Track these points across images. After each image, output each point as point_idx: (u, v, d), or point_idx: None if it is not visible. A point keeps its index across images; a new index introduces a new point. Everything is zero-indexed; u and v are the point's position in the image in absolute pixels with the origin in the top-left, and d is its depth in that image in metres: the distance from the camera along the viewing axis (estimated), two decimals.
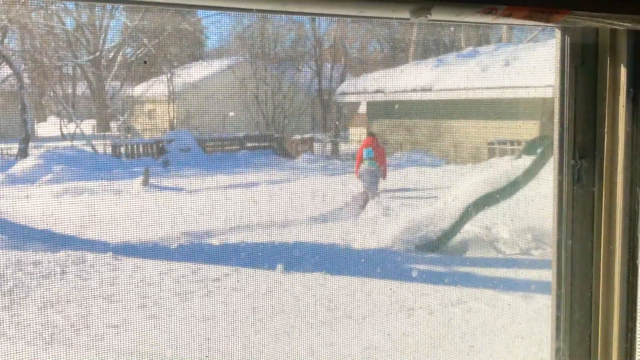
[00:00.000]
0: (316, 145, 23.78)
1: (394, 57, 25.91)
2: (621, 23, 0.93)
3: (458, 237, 10.30)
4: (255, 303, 7.83)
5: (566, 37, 1.04)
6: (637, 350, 1.06)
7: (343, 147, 23.57)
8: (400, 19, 0.91)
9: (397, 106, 19.89)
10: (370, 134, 17.27)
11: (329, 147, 23.86)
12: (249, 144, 23.62)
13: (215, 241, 10.92)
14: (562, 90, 1.06)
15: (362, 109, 22.87)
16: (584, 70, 1.05)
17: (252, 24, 30.47)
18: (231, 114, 25.47)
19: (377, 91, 21.28)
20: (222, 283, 8.48)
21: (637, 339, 1.05)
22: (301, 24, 27.52)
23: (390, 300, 7.81)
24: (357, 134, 22.72)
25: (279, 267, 8.73)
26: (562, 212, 1.08)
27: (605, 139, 1.02)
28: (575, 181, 1.08)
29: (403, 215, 12.06)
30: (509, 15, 0.96)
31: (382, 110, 21.57)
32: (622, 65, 0.99)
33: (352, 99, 22.96)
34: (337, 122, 25.40)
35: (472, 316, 7.12)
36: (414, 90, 19.42)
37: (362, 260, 9.72)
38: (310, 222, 12.52)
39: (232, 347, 6.49)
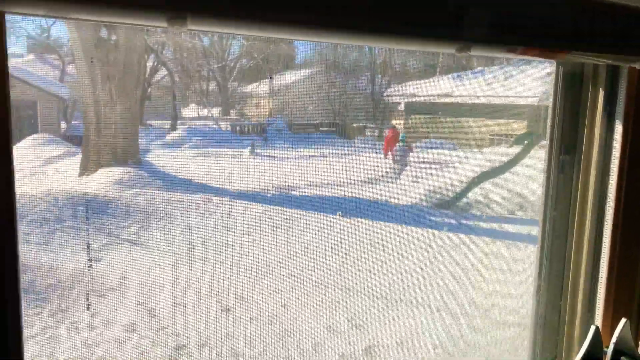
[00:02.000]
0: (367, 132, 23.57)
1: (426, 71, 25.35)
2: (602, 60, 0.90)
3: (465, 199, 10.11)
4: (321, 236, 7.88)
5: (560, 67, 1.00)
6: (598, 290, 1.03)
7: (386, 133, 23.29)
8: (448, 53, 0.89)
9: (440, 112, 19.47)
10: (392, 127, 17.18)
11: (376, 133, 23.61)
12: (321, 128, 23.57)
13: (296, 193, 11.00)
14: (554, 105, 1.02)
15: (401, 107, 22.51)
16: (572, 91, 1.01)
17: (328, 45, 30.18)
18: (310, 107, 25.45)
19: (413, 95, 20.89)
20: (300, 222, 8.55)
21: (599, 282, 1.02)
22: (362, 47, 27.08)
23: (415, 240, 7.74)
24: (397, 124, 22.38)
25: (339, 213, 8.74)
26: (548, 192, 1.05)
27: (585, 140, 0.98)
28: (559, 171, 1.04)
29: (427, 182, 11.88)
30: (524, 54, 0.93)
31: (415, 108, 21.19)
32: (600, 88, 0.94)
33: (394, 99, 22.60)
34: (382, 116, 25.13)
35: (472, 255, 7.00)
36: (439, 95, 18.98)
37: (398, 211, 9.65)
38: (361, 184, 12.47)
39: (303, 264, 6.55)
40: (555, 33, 0.87)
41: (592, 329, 0.86)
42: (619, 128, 0.89)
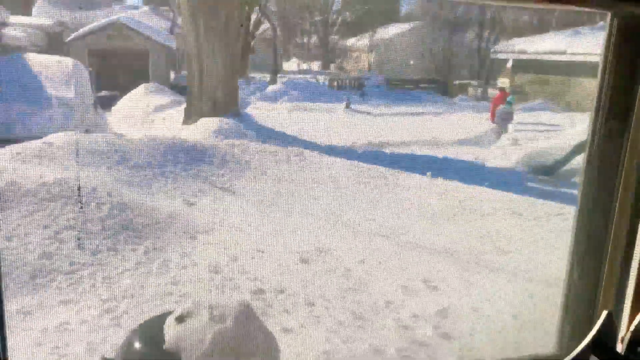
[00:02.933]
0: (470, 89, 22.53)
1: (540, 27, 23.46)
2: None
3: (568, 166, 9.44)
4: (408, 195, 7.79)
5: (614, 19, 0.88)
6: (631, 272, 0.93)
7: (491, 92, 22.12)
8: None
9: (550, 71, 18.10)
10: (501, 89, 16.11)
11: (479, 91, 22.51)
12: (421, 85, 22.90)
13: (387, 150, 10.90)
14: (605, 64, 0.91)
15: (509, 64, 21.15)
16: (628, 48, 0.88)
17: None
18: (411, 62, 24.70)
19: (522, 51, 19.51)
20: (387, 179, 8.50)
21: (633, 262, 0.93)
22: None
23: (505, 206, 7.42)
24: (503, 83, 21.14)
25: (428, 173, 8.56)
26: (591, 158, 0.95)
27: (637, 104, 0.87)
28: (606, 139, 0.93)
29: (528, 146, 11.23)
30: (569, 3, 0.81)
31: (524, 66, 19.82)
32: None
33: (502, 56, 21.26)
34: (488, 73, 23.80)
35: (567, 224, 6.60)
36: (551, 52, 17.56)
37: (492, 174, 9.25)
38: (457, 144, 12.07)
39: (390, 222, 6.54)
40: None
41: (604, 314, 0.79)
42: None
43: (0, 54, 12.93)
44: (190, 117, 12.38)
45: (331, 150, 10.26)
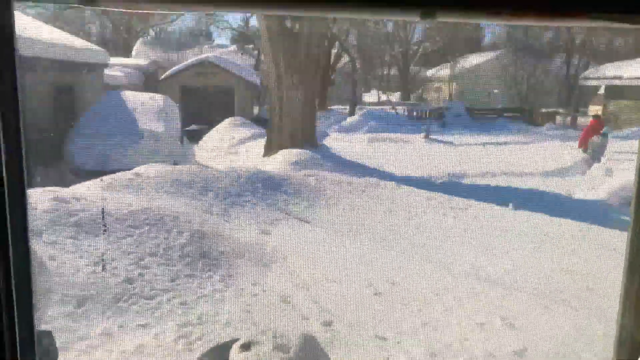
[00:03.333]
0: (558, 118, 21.51)
1: (635, 49, 22.09)
2: None
3: None
4: (487, 228, 7.48)
5: None
6: None
7: (581, 121, 20.99)
8: (411, 20, 0.78)
9: None
10: (595, 117, 15.17)
11: (568, 119, 21.43)
12: (505, 114, 22.18)
13: (467, 181, 10.59)
14: None
15: (601, 91, 20.01)
16: None
17: (518, 26, 28.13)
18: (495, 91, 24.05)
19: (616, 77, 18.43)
20: (465, 212, 8.24)
21: None
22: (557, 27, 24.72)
23: (599, 241, 6.92)
24: (594, 110, 20.02)
25: (510, 205, 8.20)
26: None
27: None
28: None
29: (622, 176, 10.47)
30: (515, 17, 0.77)
31: (618, 92, 18.67)
32: None
33: (592, 82, 20.19)
34: (577, 101, 22.63)
35: None
36: None
37: (581, 207, 8.69)
38: (542, 175, 11.50)
39: (468, 255, 6.30)
40: None
41: None
42: None
43: (101, 94, 14.09)
44: (270, 148, 12.76)
45: (408, 181, 10.13)
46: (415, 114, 22.97)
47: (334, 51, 27.44)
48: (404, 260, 6.22)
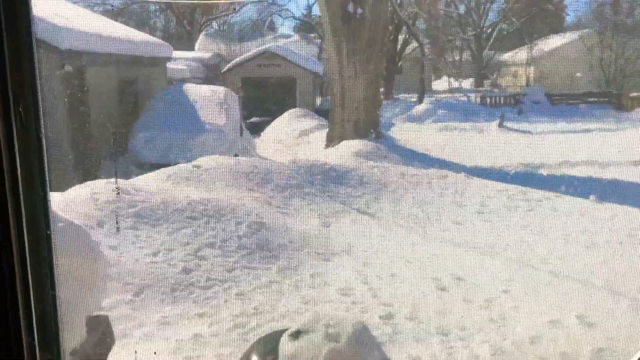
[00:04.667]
0: None
1: None
2: None
3: None
4: (566, 221, 7.16)
5: None
6: None
7: None
8: None
9: None
10: None
11: None
12: (589, 99, 21.08)
13: (544, 172, 10.16)
14: None
15: None
16: None
17: (606, 2, 26.62)
18: (578, 74, 22.88)
19: None
20: (542, 204, 7.92)
21: None
22: None
23: None
24: None
25: (592, 197, 7.80)
26: None
27: None
28: None
29: None
30: None
31: None
32: None
33: None
34: None
35: None
36: None
37: None
38: (631, 164, 10.83)
39: (542, 250, 6.07)
40: None
41: None
42: None
43: (164, 87, 14.67)
44: (332, 139, 12.80)
45: (479, 172, 9.86)
46: (488, 101, 22.28)
47: (401, 37, 27.08)
48: (472, 255, 6.07)
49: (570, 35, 25.64)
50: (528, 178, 9.51)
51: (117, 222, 5.10)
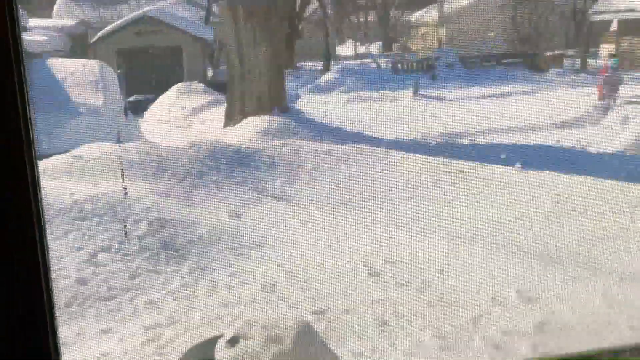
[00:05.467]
0: (565, 61, 21.86)
1: None
2: None
3: None
4: (492, 192, 7.66)
5: None
6: None
7: (591, 62, 21.36)
8: None
9: None
10: (611, 55, 15.55)
11: (577, 62, 21.79)
12: (504, 60, 22.43)
13: (466, 141, 10.77)
14: None
15: (613, 26, 20.36)
16: None
17: None
18: (491, 34, 24.23)
19: (630, 10, 18.77)
20: (467, 175, 8.41)
21: None
22: None
23: (619, 198, 7.17)
24: (607, 49, 20.36)
25: (517, 164, 8.38)
26: None
27: None
28: None
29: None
30: None
31: (632, 27, 19.03)
32: None
33: (604, 17, 20.52)
34: (586, 40, 22.97)
35: None
36: None
37: (598, 161, 8.96)
38: (552, 128, 11.75)
39: (471, 224, 6.46)
40: None
41: None
42: None
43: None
44: (232, 117, 12.70)
45: (397, 145, 10.26)
46: (400, 66, 23.04)
47: None
48: (400, 235, 6.35)
49: None
50: (449, 148, 10.03)
51: None
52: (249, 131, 11.10)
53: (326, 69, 22.96)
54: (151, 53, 20.13)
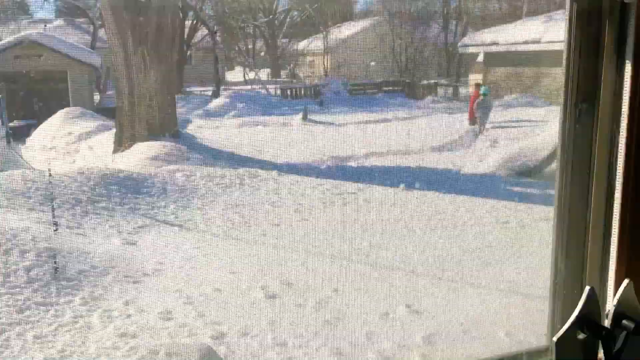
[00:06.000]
0: (439, 89, 23.16)
1: (510, 14, 24.38)
2: None
3: (553, 165, 9.81)
4: (381, 212, 7.93)
5: (573, 3, 1.01)
6: (611, 249, 1.06)
7: (462, 91, 22.79)
8: None
9: (526, 62, 18.82)
10: (477, 85, 16.73)
11: (450, 90, 23.16)
12: (385, 88, 23.38)
13: (353, 163, 11.07)
14: (568, 47, 1.03)
15: (480, 58, 21.85)
16: (587, 30, 1.01)
17: None
18: (372, 63, 25.19)
19: (493, 43, 20.24)
20: (356, 196, 8.64)
21: (612, 240, 1.06)
22: None
23: (490, 215, 7.66)
24: (475, 79, 21.80)
25: (401, 185, 8.74)
26: (565, 142, 1.08)
27: (600, 86, 1.00)
28: (576, 120, 1.06)
29: (508, 146, 11.62)
30: None
31: (497, 59, 20.53)
32: (613, 26, 0.95)
33: (471, 50, 21.97)
34: (457, 70, 24.51)
35: None
36: (525, 42, 18.28)
37: (472, 181, 9.55)
38: (430, 151, 12.35)
39: (362, 243, 6.63)
40: None
41: (586, 289, 0.91)
42: (628, 73, 0.90)
43: None
44: (122, 143, 12.27)
45: (289, 169, 10.36)
46: (289, 92, 23.33)
47: (188, 23, 26.86)
48: (297, 258, 6.40)
49: (362, 23, 28.03)
50: (339, 171, 10.27)
51: None
52: (139, 157, 10.76)
53: (216, 94, 22.79)
54: (33, 77, 19.05)
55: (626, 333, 0.89)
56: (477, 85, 16.76)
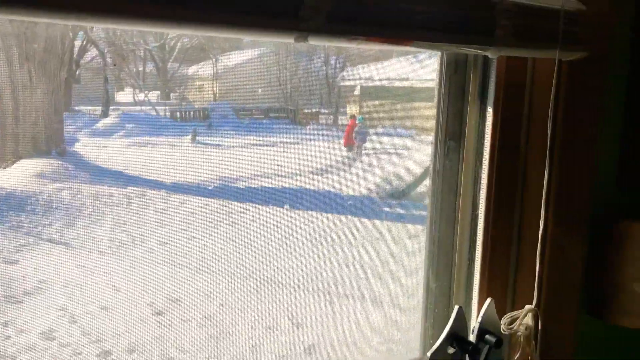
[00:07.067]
0: (321, 117, 23.67)
1: (383, 52, 25.58)
2: (449, 49, 1.00)
3: (419, 188, 10.37)
4: (266, 230, 7.93)
5: (443, 55, 1.10)
6: (475, 273, 1.15)
7: (341, 119, 23.48)
8: (287, 41, 0.95)
9: (395, 97, 19.73)
10: (352, 117, 17.44)
11: (330, 119, 23.76)
12: (271, 114, 23.48)
13: (241, 184, 10.99)
14: (438, 92, 1.12)
15: (357, 91, 22.66)
16: (454, 78, 1.11)
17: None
18: (259, 91, 25.26)
19: (368, 78, 21.10)
20: (243, 215, 8.59)
21: (475, 265, 1.15)
22: None
23: (365, 233, 7.91)
24: (352, 110, 22.54)
25: (286, 205, 8.80)
26: (435, 174, 1.16)
27: (466, 128, 1.09)
28: (445, 155, 1.14)
29: (380, 171, 12.11)
30: (368, 42, 1.01)
31: (371, 93, 21.42)
32: (476, 75, 1.05)
33: (349, 83, 22.74)
34: (337, 101, 25.24)
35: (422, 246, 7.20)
36: (395, 78, 19.23)
37: (349, 202, 9.82)
38: (312, 174, 12.56)
39: (248, 260, 6.59)
40: (400, 22, 0.96)
41: (456, 308, 0.98)
42: (490, 116, 1.01)
43: None
44: (4, 159, 11.31)
45: (178, 188, 10.08)
46: (178, 115, 22.74)
47: (77, 43, 25.47)
48: (183, 274, 6.22)
49: (250, 52, 28.07)
50: (227, 191, 10.15)
51: None
52: (23, 174, 9.97)
53: (105, 114, 21.72)
54: None
55: (488, 347, 0.96)
56: (352, 117, 17.40)
